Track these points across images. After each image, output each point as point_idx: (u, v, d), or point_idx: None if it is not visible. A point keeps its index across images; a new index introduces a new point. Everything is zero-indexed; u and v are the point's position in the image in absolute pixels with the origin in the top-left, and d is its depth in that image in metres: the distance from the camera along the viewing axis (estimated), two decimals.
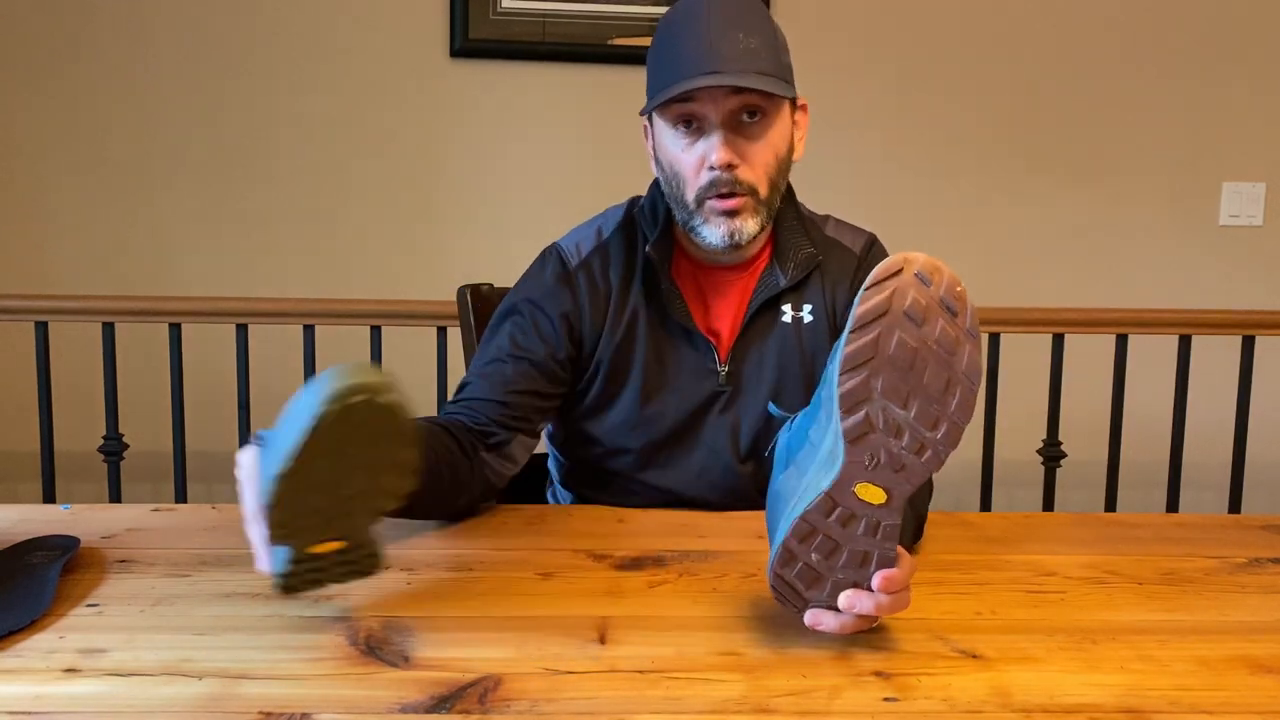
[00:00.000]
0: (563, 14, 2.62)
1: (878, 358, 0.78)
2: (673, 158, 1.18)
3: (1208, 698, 0.78)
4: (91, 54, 2.59)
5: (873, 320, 0.78)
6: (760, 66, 1.13)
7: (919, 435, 0.79)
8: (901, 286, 0.78)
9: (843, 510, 0.80)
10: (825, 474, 0.81)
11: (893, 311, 0.77)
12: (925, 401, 0.78)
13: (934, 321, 0.78)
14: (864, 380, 0.78)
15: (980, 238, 2.79)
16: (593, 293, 1.25)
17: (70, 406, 2.48)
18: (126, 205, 2.64)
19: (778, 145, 1.18)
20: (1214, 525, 1.20)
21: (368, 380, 0.79)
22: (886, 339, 0.78)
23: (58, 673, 0.77)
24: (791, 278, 1.23)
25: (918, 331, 0.78)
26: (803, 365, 1.24)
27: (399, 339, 2.43)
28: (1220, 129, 2.79)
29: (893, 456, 0.79)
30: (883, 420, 0.79)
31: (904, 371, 0.78)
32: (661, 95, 1.13)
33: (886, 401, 0.78)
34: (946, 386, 0.78)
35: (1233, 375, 2.47)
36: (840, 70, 2.72)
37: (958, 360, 0.78)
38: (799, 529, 0.81)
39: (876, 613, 0.83)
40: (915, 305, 0.78)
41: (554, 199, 2.68)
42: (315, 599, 0.92)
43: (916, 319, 0.78)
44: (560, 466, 1.36)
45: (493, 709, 0.74)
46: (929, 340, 0.78)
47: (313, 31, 2.63)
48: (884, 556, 0.82)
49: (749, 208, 1.17)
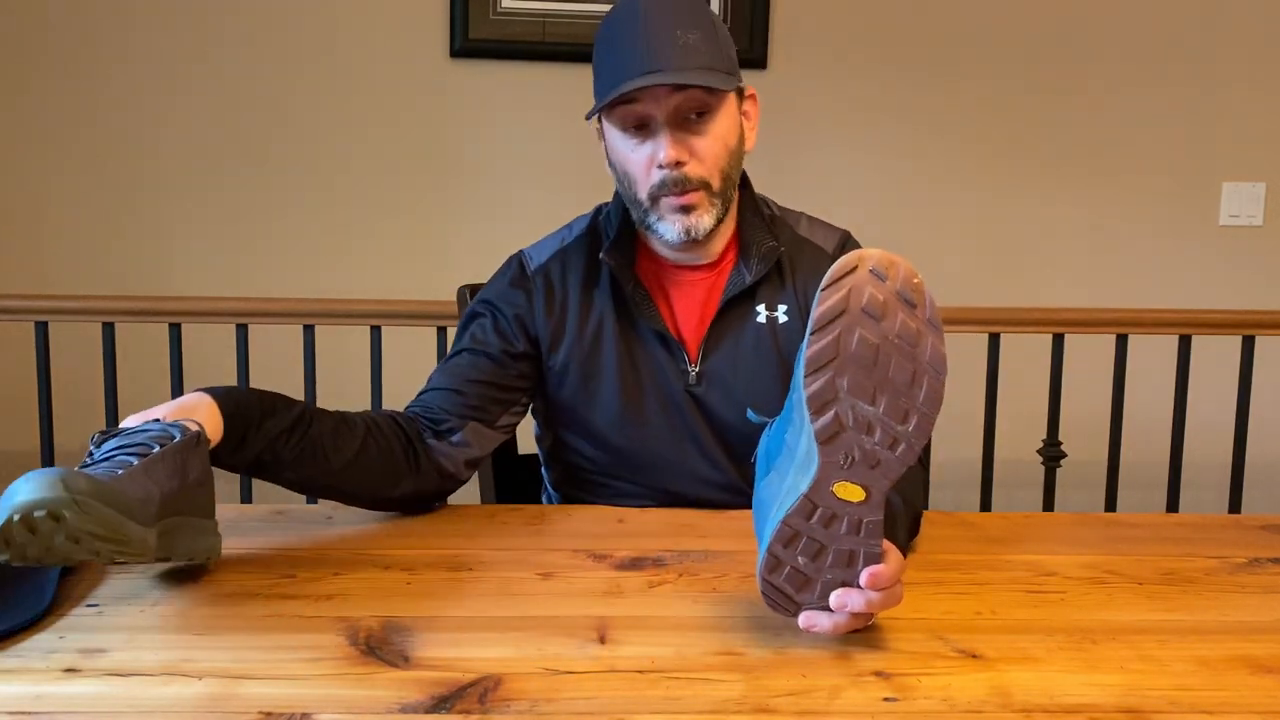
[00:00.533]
0: (563, 14, 2.62)
1: (840, 357, 0.79)
2: (623, 158, 1.19)
3: (1208, 698, 0.78)
4: (91, 54, 2.59)
5: (832, 320, 0.79)
6: (700, 61, 1.13)
7: (890, 429, 0.79)
8: (858, 284, 0.78)
9: (823, 511, 0.81)
10: (802, 476, 0.81)
11: (850, 310, 0.78)
12: (893, 396, 0.79)
13: (893, 316, 0.78)
14: (829, 380, 0.79)
15: (980, 238, 2.79)
16: (548, 297, 1.26)
17: (70, 406, 2.48)
18: (126, 205, 2.64)
19: (726, 138, 1.18)
20: (1214, 525, 1.20)
21: (46, 497, 0.75)
22: (847, 337, 0.78)
23: (58, 673, 0.77)
24: (756, 273, 1.23)
25: (878, 327, 0.78)
26: (779, 365, 1.24)
27: (399, 339, 2.43)
28: (1220, 129, 2.79)
29: (866, 453, 0.80)
30: (852, 418, 0.79)
31: (868, 368, 0.79)
32: (605, 99, 1.14)
33: (854, 399, 0.79)
34: (913, 379, 0.79)
35: (1233, 375, 2.47)
36: (840, 71, 2.72)
37: (921, 352, 0.79)
38: (782, 533, 0.82)
39: (868, 609, 0.83)
40: (873, 301, 0.78)
41: (553, 199, 2.68)
42: (315, 599, 0.92)
43: (875, 315, 0.78)
44: (549, 472, 1.37)
45: (493, 709, 0.74)
46: (890, 335, 0.78)
47: (313, 31, 2.63)
48: (870, 554, 0.82)
49: (703, 202, 1.17)
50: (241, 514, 1.17)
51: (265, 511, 1.18)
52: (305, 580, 0.97)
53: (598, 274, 1.26)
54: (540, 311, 1.25)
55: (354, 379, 2.44)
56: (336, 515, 1.17)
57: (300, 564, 1.01)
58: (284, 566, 1.00)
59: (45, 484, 0.74)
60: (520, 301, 1.26)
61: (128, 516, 0.79)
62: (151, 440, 0.89)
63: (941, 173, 2.77)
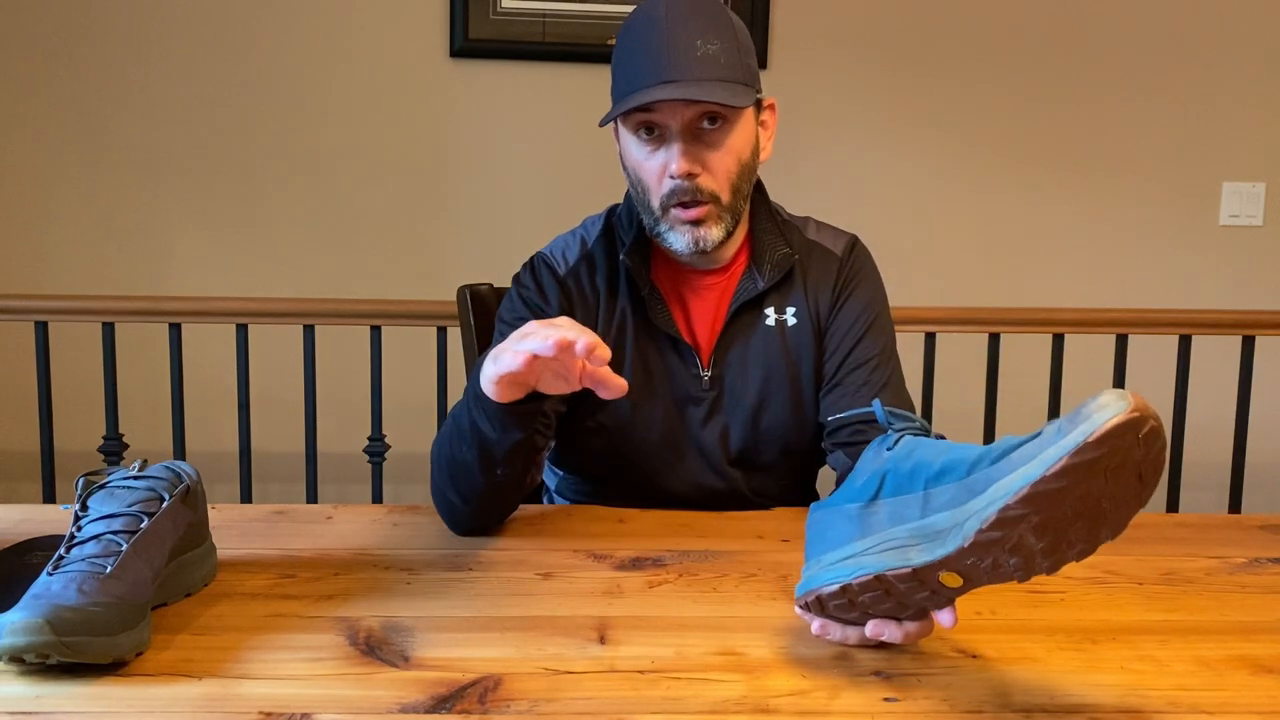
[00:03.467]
0: (563, 14, 2.62)
1: (1057, 507, 0.70)
2: (636, 164, 1.18)
3: (1208, 698, 0.78)
4: (91, 54, 2.59)
5: (1078, 475, 0.69)
6: (719, 73, 1.11)
7: (1032, 561, 0.74)
8: (1124, 448, 0.68)
9: (919, 583, 0.78)
10: (922, 550, 0.76)
11: (1098, 471, 0.69)
12: (1057, 541, 0.73)
13: (1121, 483, 0.70)
14: (1029, 514, 0.71)
15: (980, 238, 2.79)
16: (583, 300, 1.25)
17: (70, 406, 2.48)
18: (126, 205, 2.64)
19: (740, 150, 1.17)
20: (1214, 525, 1.20)
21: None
22: (1075, 491, 0.70)
23: (58, 673, 0.77)
24: (769, 279, 1.23)
25: (1102, 487, 0.70)
26: (788, 368, 1.24)
27: (399, 339, 2.43)
28: (1220, 129, 2.79)
29: (997, 565, 0.75)
30: (1014, 541, 0.73)
31: (1065, 519, 0.71)
32: (619, 106, 1.13)
33: (1030, 533, 0.73)
34: (1083, 538, 0.73)
35: (1233, 375, 2.47)
36: (840, 71, 2.72)
37: (1111, 523, 0.72)
38: (869, 584, 0.78)
39: (903, 642, 0.82)
40: (1120, 464, 0.69)
41: (554, 199, 2.68)
42: (315, 599, 0.92)
43: (1109, 477, 0.70)
44: (554, 475, 1.36)
45: (493, 709, 0.74)
46: (1104, 497, 0.71)
47: (312, 31, 2.63)
48: (924, 611, 0.81)
49: (712, 215, 1.16)
50: (241, 514, 1.17)
51: (265, 512, 1.18)
52: (305, 580, 0.97)
53: (618, 276, 1.25)
54: (579, 313, 1.25)
55: (354, 379, 2.44)
56: (336, 515, 1.17)
57: (300, 564, 1.01)
58: (284, 566, 1.00)
59: (33, 627, 0.76)
60: (564, 305, 1.25)
61: (120, 631, 0.79)
62: (141, 511, 0.88)
63: (941, 173, 2.77)
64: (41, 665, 0.77)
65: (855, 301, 1.26)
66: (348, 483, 2.64)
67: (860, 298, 1.27)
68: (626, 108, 1.11)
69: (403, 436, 2.45)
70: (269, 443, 2.52)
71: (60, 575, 0.81)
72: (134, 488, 0.91)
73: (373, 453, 2.37)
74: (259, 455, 2.45)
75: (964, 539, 0.73)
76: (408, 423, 2.48)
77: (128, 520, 0.87)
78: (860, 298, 1.27)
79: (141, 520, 0.88)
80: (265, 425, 2.47)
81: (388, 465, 2.40)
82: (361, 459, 2.40)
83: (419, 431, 2.43)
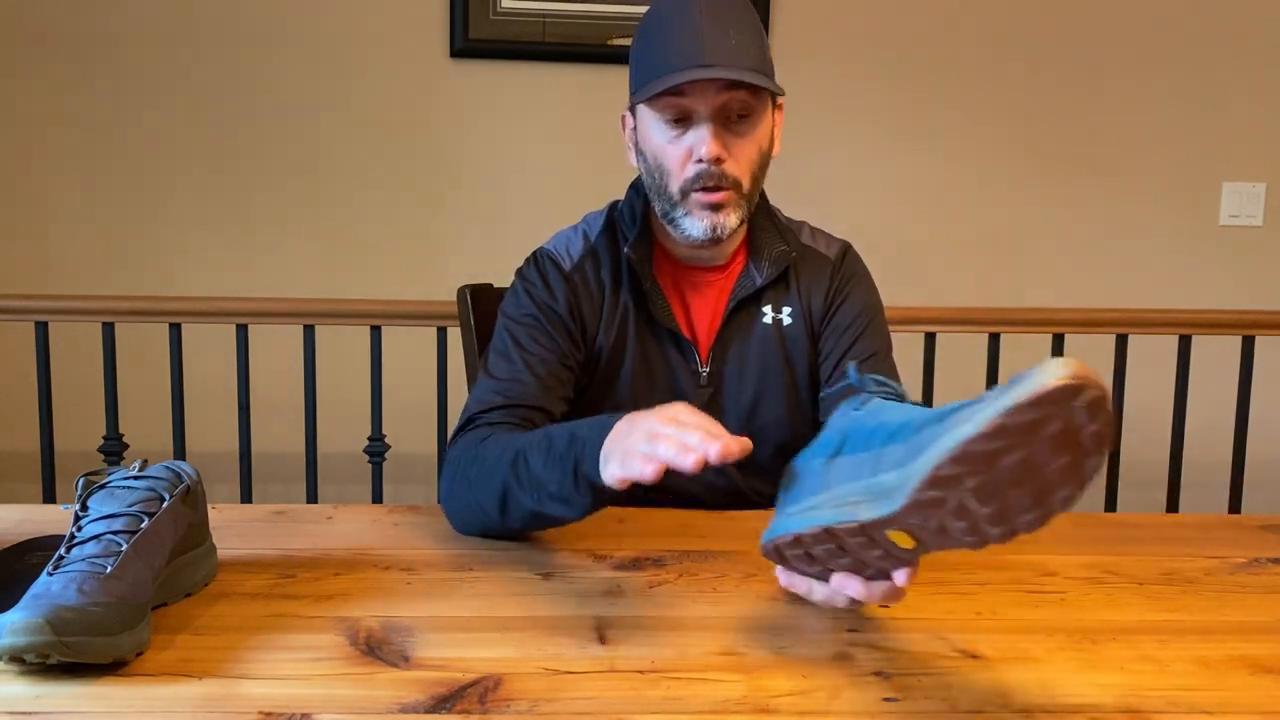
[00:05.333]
0: (563, 14, 2.62)
1: (994, 468, 0.70)
2: (658, 149, 1.19)
3: (1208, 698, 0.78)
4: (91, 55, 2.59)
5: (1015, 435, 0.68)
6: (750, 63, 1.14)
7: (979, 528, 0.74)
8: (1064, 414, 0.68)
9: (869, 540, 0.78)
10: (869, 506, 0.76)
11: (1038, 436, 0.68)
12: (1003, 509, 0.72)
13: (1064, 454, 0.70)
14: (963, 474, 0.70)
15: (980, 238, 2.79)
16: (588, 294, 1.26)
17: (70, 406, 2.48)
18: (126, 205, 2.64)
19: (762, 141, 1.19)
20: (1214, 525, 1.21)
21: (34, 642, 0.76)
22: (1013, 455, 0.69)
23: (58, 673, 0.77)
24: (767, 275, 1.25)
25: (1045, 456, 0.69)
26: (784, 367, 1.26)
27: (399, 339, 2.43)
28: (1220, 129, 2.79)
29: (944, 529, 0.75)
30: (956, 504, 0.73)
31: (1004, 483, 0.71)
32: (654, 86, 1.13)
33: (971, 496, 0.72)
34: (1030, 507, 0.73)
35: (1233, 375, 2.47)
36: (842, 71, 2.72)
37: (1058, 494, 0.72)
38: (818, 535, 0.80)
39: (868, 600, 0.82)
40: (1061, 435, 0.68)
41: (554, 199, 2.68)
42: (315, 599, 0.92)
43: (1054, 448, 0.69)
44: None
45: (493, 709, 0.74)
46: (1048, 467, 0.70)
47: (313, 31, 2.63)
48: (884, 571, 0.81)
49: (733, 202, 1.18)
50: (242, 514, 1.17)
51: (265, 512, 1.18)
52: (305, 580, 0.97)
53: (620, 270, 1.26)
54: (585, 311, 1.25)
55: (354, 379, 2.44)
56: (336, 515, 1.17)
57: (300, 564, 1.01)
58: (284, 566, 1.01)
59: (33, 627, 0.76)
60: (570, 300, 1.25)
61: (120, 631, 0.79)
62: (141, 512, 0.88)
63: (941, 173, 2.77)
64: (42, 665, 0.76)
65: (850, 305, 1.28)
66: (348, 483, 2.64)
67: (855, 302, 1.29)
68: (664, 87, 1.12)
69: (403, 437, 2.45)
70: (269, 443, 2.51)
71: (60, 575, 0.81)
72: (134, 488, 0.91)
73: (373, 453, 2.37)
74: (259, 455, 2.45)
75: (906, 497, 0.73)
76: (408, 423, 2.47)
77: (128, 520, 0.87)
78: (855, 302, 1.29)
79: (142, 520, 0.88)
80: (265, 425, 2.47)
81: (388, 465, 2.40)
82: (361, 459, 2.39)
83: (419, 432, 2.43)
